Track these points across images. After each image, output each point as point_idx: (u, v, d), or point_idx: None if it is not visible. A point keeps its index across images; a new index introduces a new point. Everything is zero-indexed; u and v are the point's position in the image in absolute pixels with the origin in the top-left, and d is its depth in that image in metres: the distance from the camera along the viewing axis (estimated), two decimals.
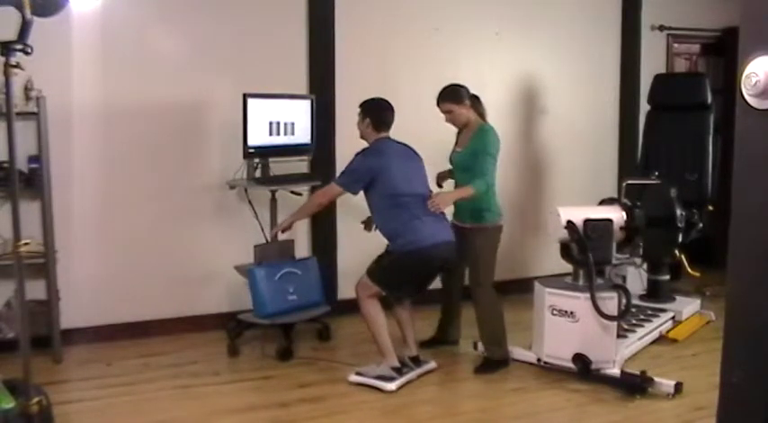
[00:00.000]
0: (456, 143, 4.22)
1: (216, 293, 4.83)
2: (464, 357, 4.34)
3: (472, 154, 4.04)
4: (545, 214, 4.57)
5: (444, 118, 4.12)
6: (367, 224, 4.20)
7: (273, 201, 4.62)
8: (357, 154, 3.95)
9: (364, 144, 4.03)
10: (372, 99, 4.02)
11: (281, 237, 4.73)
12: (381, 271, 3.91)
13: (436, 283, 4.33)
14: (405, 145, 4.03)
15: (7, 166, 3.25)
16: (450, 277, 4.34)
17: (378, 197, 3.90)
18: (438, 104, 4.10)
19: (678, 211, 4.66)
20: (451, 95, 4.08)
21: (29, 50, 2.58)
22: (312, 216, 5.06)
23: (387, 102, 4.00)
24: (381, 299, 3.95)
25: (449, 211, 4.13)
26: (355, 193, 3.97)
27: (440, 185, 4.35)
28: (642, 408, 3.66)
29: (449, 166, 4.28)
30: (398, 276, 3.90)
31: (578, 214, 4.01)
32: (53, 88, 4.16)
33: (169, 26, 4.62)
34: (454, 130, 4.23)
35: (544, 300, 4.05)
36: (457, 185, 4.17)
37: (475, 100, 4.15)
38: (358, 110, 4.02)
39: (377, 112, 3.97)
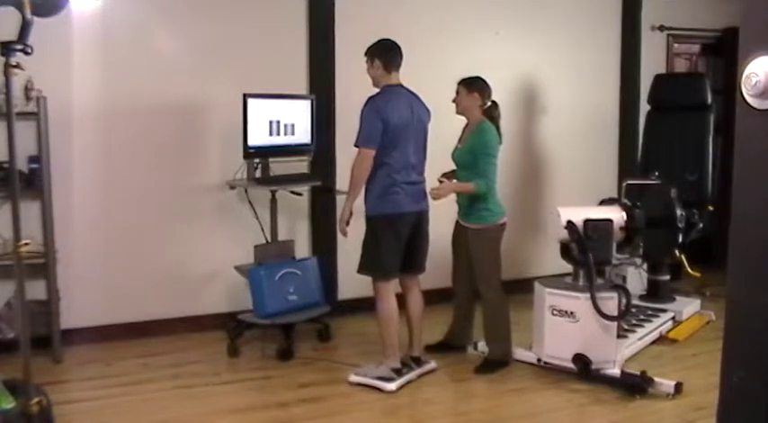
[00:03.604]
0: (459, 140, 4.23)
1: (216, 293, 4.83)
2: (464, 358, 4.33)
3: (469, 152, 4.07)
4: (545, 214, 4.57)
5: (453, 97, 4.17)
6: None
7: (273, 201, 4.62)
8: (365, 104, 3.85)
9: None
10: (378, 41, 3.94)
11: (281, 237, 4.75)
12: (365, 254, 3.91)
13: (445, 283, 4.35)
14: (416, 95, 3.98)
15: (7, 166, 3.25)
16: (460, 280, 4.32)
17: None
18: (458, 83, 4.17)
19: (678, 212, 4.65)
20: (467, 82, 4.14)
21: (29, 50, 2.58)
22: (312, 215, 5.08)
23: (392, 41, 3.95)
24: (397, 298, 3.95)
25: (454, 210, 4.17)
26: (378, 145, 3.81)
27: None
28: (642, 408, 3.66)
29: (449, 164, 4.27)
30: (379, 248, 3.86)
31: (578, 214, 4.01)
32: (53, 88, 4.16)
33: (169, 26, 4.62)
34: (455, 129, 4.24)
35: (544, 300, 4.05)
36: None
37: (493, 104, 4.18)
38: (364, 58, 3.93)
39: (386, 52, 3.90)
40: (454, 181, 4.15)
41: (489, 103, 4.16)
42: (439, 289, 4.48)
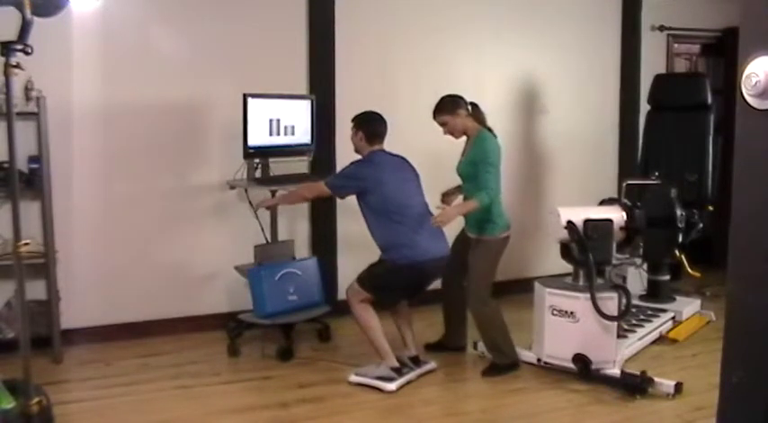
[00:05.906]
0: (462, 153, 4.15)
1: (216, 293, 4.83)
2: (464, 357, 4.34)
3: (471, 163, 4.00)
4: (545, 214, 4.57)
5: (442, 131, 4.10)
6: None
7: None
8: (352, 162, 4.01)
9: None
10: (364, 112, 4.06)
11: (281, 237, 4.75)
12: (373, 278, 3.91)
13: (436, 284, 4.32)
14: (399, 157, 4.05)
15: (7, 166, 3.25)
16: (450, 283, 4.30)
17: (372, 211, 3.90)
18: (434, 118, 4.08)
19: (678, 212, 4.65)
20: (445, 107, 4.05)
21: (29, 50, 2.58)
22: (312, 215, 5.08)
23: (378, 114, 4.04)
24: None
25: (459, 220, 4.08)
26: (341, 196, 4.12)
27: (446, 203, 4.18)
28: (642, 408, 3.66)
29: (448, 170, 4.23)
30: (389, 285, 3.90)
31: (578, 214, 4.00)
32: (53, 88, 4.16)
33: (169, 26, 4.62)
34: (458, 143, 4.18)
35: (544, 300, 4.05)
36: (465, 197, 4.11)
37: (474, 107, 4.11)
38: (351, 124, 4.05)
39: (369, 125, 4.00)
40: (457, 200, 4.10)
41: (471, 109, 4.09)
42: (431, 291, 4.45)
